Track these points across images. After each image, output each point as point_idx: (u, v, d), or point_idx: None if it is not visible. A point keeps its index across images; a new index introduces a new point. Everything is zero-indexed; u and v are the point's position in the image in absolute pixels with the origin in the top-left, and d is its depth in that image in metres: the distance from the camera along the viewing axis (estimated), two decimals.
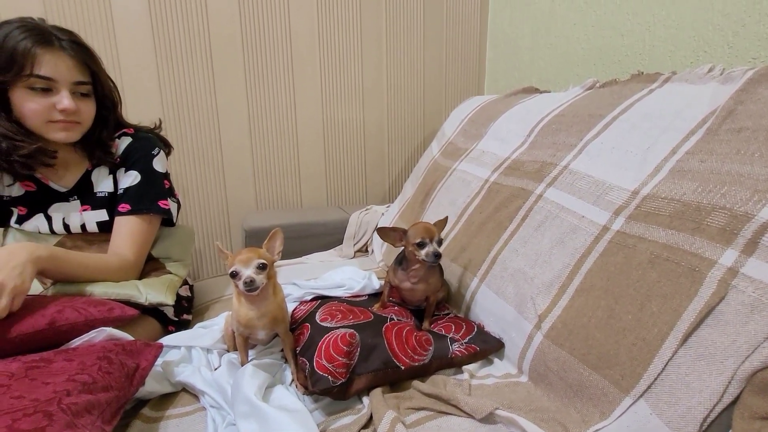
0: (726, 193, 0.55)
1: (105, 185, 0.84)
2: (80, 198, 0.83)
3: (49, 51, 0.69)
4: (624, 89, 0.83)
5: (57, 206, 0.82)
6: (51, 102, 0.70)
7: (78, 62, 0.73)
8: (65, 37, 0.72)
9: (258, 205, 1.47)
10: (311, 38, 1.39)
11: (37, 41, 0.68)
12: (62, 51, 0.70)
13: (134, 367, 0.56)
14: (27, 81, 0.68)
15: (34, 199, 0.81)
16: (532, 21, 1.38)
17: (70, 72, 0.71)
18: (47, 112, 0.71)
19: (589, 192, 0.73)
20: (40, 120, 0.71)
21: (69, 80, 0.71)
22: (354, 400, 0.63)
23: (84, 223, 0.83)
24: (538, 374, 0.66)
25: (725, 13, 0.85)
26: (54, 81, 0.70)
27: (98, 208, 0.83)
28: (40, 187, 0.81)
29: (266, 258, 0.63)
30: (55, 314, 0.58)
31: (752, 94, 0.61)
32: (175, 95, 1.28)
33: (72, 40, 0.72)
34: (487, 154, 1.05)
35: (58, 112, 0.71)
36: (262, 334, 0.67)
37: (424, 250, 0.72)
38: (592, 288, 0.63)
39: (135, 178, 0.83)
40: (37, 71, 0.68)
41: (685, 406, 0.48)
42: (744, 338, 0.47)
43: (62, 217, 0.82)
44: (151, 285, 0.79)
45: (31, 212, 0.81)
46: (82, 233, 0.83)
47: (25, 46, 0.67)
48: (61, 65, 0.70)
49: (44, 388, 0.43)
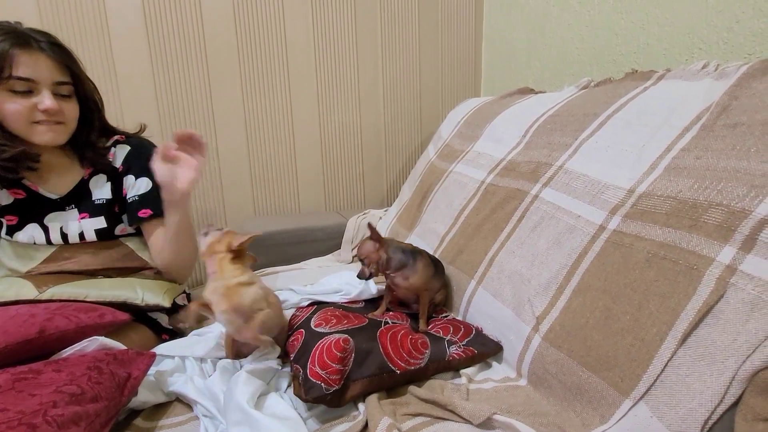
0: (722, 190, 0.54)
1: (103, 192, 0.84)
2: (77, 206, 0.82)
3: (27, 52, 0.69)
4: (618, 88, 0.83)
5: (53, 216, 0.81)
6: (33, 103, 0.70)
7: (57, 62, 0.72)
8: (42, 38, 0.72)
9: (256, 211, 1.46)
10: (307, 43, 1.40)
11: (15, 43, 0.68)
12: (41, 52, 0.70)
13: (126, 377, 0.55)
14: (7, 83, 0.68)
15: (24, 208, 0.80)
16: (526, 22, 1.38)
17: (50, 72, 0.71)
18: (29, 113, 0.70)
19: (585, 191, 0.72)
20: (24, 122, 0.71)
21: (49, 80, 0.71)
22: (349, 407, 0.62)
23: (82, 231, 0.82)
24: (537, 377, 0.64)
25: (719, 10, 0.85)
26: (34, 82, 0.70)
27: (96, 215, 0.83)
28: (30, 194, 0.80)
29: (224, 239, 0.67)
30: (45, 322, 0.58)
31: (747, 89, 0.61)
32: (171, 102, 1.29)
33: (50, 41, 0.72)
34: (483, 156, 1.04)
35: (40, 113, 0.71)
36: (220, 318, 0.65)
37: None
38: (590, 288, 0.62)
39: (148, 184, 0.84)
40: (17, 73, 0.68)
41: (686, 408, 0.47)
42: (745, 337, 0.46)
43: (60, 227, 0.81)
44: (149, 287, 0.79)
45: (22, 221, 0.80)
46: (79, 243, 0.83)
47: (2, 48, 0.67)
48: (41, 66, 0.70)
49: (30, 399, 0.43)
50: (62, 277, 0.77)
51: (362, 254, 0.79)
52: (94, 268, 0.82)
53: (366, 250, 0.79)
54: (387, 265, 0.78)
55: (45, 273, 0.80)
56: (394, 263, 0.78)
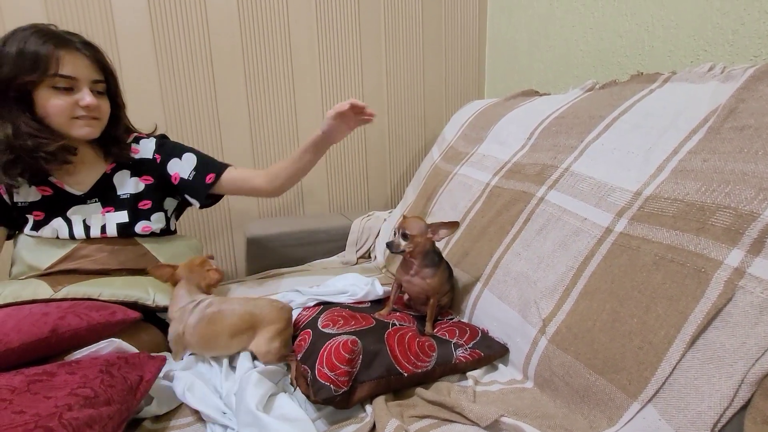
0: (730, 192, 0.54)
1: (128, 187, 0.88)
2: (101, 200, 0.86)
3: (69, 52, 0.74)
4: (624, 90, 0.83)
5: (76, 209, 0.84)
6: (74, 99, 0.76)
7: (93, 61, 0.78)
8: (76, 39, 0.77)
9: (260, 212, 1.47)
10: (311, 46, 1.40)
11: (58, 43, 0.73)
12: (79, 51, 0.75)
13: (137, 380, 0.56)
14: (51, 80, 0.73)
15: (51, 204, 0.83)
16: (530, 24, 1.38)
17: (88, 70, 0.77)
18: (71, 109, 0.76)
19: (591, 194, 0.72)
20: (65, 117, 0.76)
21: (88, 78, 0.77)
22: (357, 409, 0.62)
23: (105, 224, 0.85)
24: (544, 380, 0.65)
25: (724, 12, 0.85)
26: (76, 80, 0.75)
27: (120, 209, 0.86)
28: (56, 190, 0.83)
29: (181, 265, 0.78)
30: (58, 321, 0.58)
31: (754, 92, 0.61)
32: (177, 104, 1.30)
33: (83, 41, 0.78)
34: (487, 158, 1.04)
35: (80, 109, 0.76)
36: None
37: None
38: (597, 291, 0.63)
39: (192, 156, 0.92)
40: (62, 71, 0.73)
41: (694, 410, 0.47)
42: (753, 340, 0.46)
43: (83, 219, 0.84)
44: (161, 287, 0.80)
45: (48, 216, 0.82)
46: (101, 237, 0.85)
47: (47, 48, 0.72)
48: (81, 64, 0.75)
49: (46, 402, 0.43)
50: (77, 276, 0.79)
51: (411, 230, 0.76)
52: (110, 267, 0.84)
53: (417, 228, 0.76)
54: (423, 256, 0.77)
55: (62, 271, 0.81)
56: (428, 259, 0.77)
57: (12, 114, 0.73)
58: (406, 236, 0.77)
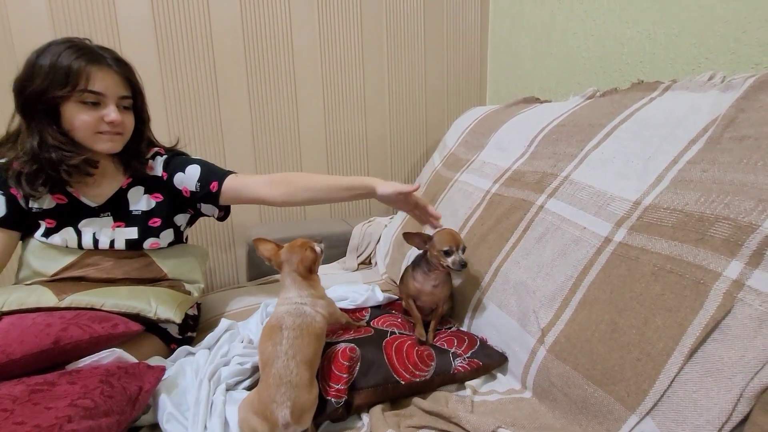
0: (729, 203, 0.54)
1: (141, 204, 0.88)
2: (113, 214, 0.86)
3: (99, 69, 0.75)
4: (624, 98, 0.83)
5: (88, 221, 0.84)
6: (100, 115, 0.76)
7: (122, 78, 0.79)
8: (108, 55, 0.78)
9: (262, 218, 1.48)
10: (313, 51, 1.41)
11: (90, 60, 0.74)
12: (109, 68, 0.77)
13: (137, 391, 0.56)
14: (80, 96, 0.74)
15: (64, 212, 0.83)
16: (532, 31, 1.38)
17: (116, 87, 0.78)
18: (96, 124, 0.77)
19: (591, 203, 0.72)
20: (90, 131, 0.77)
21: (116, 95, 0.78)
22: (353, 419, 0.62)
23: (114, 239, 0.85)
24: (542, 390, 0.64)
25: (726, 20, 0.84)
26: (103, 95, 0.76)
27: (132, 225, 0.86)
28: (71, 200, 0.84)
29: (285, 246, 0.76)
30: (60, 332, 0.59)
31: (754, 102, 0.60)
32: (179, 109, 1.31)
33: (114, 57, 0.78)
34: (488, 165, 1.04)
35: (105, 124, 0.77)
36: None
37: (451, 258, 0.74)
38: (596, 301, 0.62)
39: (196, 168, 0.90)
40: (91, 87, 0.74)
41: (693, 424, 0.47)
42: (752, 353, 0.46)
43: (93, 232, 0.84)
44: (163, 299, 0.80)
45: (60, 225, 0.83)
46: (108, 250, 0.85)
47: (79, 64, 0.73)
48: (110, 81, 0.76)
49: (46, 413, 0.44)
50: (82, 284, 0.80)
51: (456, 241, 0.76)
52: (115, 276, 0.84)
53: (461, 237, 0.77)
54: (451, 263, 0.74)
55: (67, 278, 0.82)
56: (455, 266, 0.74)
57: (39, 126, 0.74)
58: (465, 250, 0.76)
